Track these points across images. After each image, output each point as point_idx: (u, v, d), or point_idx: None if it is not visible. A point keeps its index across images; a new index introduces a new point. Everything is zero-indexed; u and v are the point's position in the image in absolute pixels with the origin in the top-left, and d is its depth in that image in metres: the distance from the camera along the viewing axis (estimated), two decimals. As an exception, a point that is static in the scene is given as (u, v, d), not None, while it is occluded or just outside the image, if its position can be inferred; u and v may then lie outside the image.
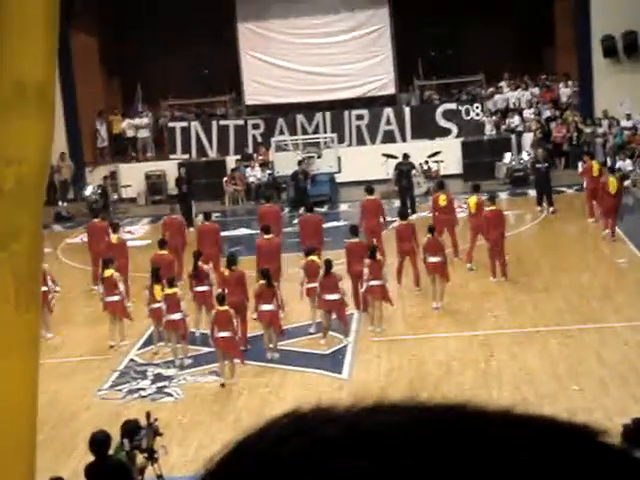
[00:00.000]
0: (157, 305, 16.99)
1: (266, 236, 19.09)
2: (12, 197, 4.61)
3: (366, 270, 17.30)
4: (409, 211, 23.35)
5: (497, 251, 19.68)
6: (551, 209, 25.11)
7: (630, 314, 17.11)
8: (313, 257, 17.80)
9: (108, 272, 17.86)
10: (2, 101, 4.58)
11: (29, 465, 4.61)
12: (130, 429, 10.62)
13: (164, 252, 19.16)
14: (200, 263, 18.01)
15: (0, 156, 4.59)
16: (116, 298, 17.71)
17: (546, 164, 25.85)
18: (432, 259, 18.41)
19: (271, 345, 16.61)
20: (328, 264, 16.96)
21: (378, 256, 17.74)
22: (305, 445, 0.83)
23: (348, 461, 0.80)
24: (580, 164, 25.92)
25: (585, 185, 24.19)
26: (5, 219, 4.59)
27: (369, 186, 22.19)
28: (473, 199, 20.87)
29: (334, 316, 17.08)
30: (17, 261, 4.53)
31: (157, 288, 17.09)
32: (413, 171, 27.25)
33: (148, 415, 10.88)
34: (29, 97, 4.60)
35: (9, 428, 4.50)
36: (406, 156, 27.36)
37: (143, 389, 15.83)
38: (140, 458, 10.64)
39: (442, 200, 21.37)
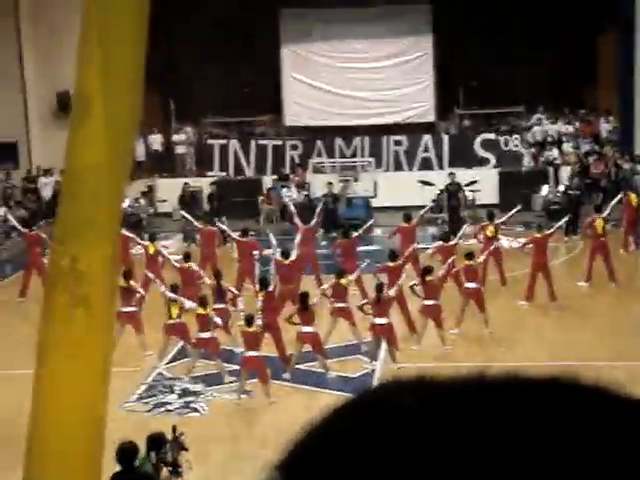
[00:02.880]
0: (171, 322, 17.10)
1: (285, 260, 19.33)
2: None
3: (421, 289, 17.45)
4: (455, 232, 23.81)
5: (536, 276, 20.06)
6: (575, 237, 25.19)
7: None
8: (342, 279, 17.87)
9: (127, 283, 18.02)
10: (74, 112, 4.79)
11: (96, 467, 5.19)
12: (156, 442, 10.66)
13: (190, 265, 19.52)
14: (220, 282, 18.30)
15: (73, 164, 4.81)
16: (131, 309, 17.82)
17: (578, 191, 25.90)
18: (469, 285, 18.42)
19: (317, 363, 16.72)
20: (379, 288, 16.97)
21: (431, 277, 17.78)
22: (416, 402, 0.85)
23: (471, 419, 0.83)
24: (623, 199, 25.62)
25: (624, 217, 24.26)
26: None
27: (407, 214, 22.46)
28: (601, 222, 21.54)
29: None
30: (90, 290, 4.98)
31: (173, 307, 17.16)
32: (460, 193, 27.45)
33: (174, 429, 10.92)
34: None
35: (81, 434, 4.97)
36: (452, 175, 27.48)
37: (169, 403, 15.87)
38: (164, 471, 10.67)
39: (490, 231, 21.66)
